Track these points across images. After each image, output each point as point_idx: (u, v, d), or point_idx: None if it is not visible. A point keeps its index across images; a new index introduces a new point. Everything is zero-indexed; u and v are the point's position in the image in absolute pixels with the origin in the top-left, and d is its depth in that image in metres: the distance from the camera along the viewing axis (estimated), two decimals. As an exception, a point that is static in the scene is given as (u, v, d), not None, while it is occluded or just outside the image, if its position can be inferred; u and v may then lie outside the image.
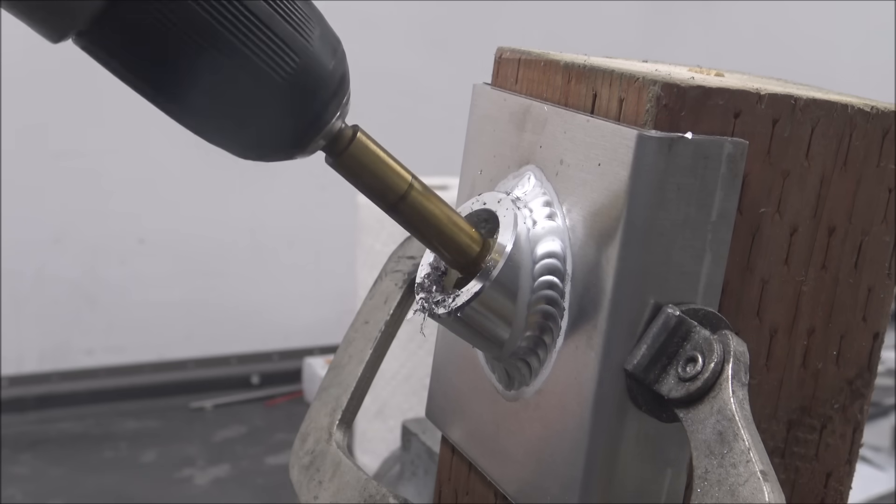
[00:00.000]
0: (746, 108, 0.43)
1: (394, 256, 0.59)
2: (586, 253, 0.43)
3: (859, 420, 0.49)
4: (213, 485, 1.58)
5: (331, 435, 0.55)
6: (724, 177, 0.42)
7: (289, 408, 1.88)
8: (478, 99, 0.53)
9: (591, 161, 0.43)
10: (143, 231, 1.94)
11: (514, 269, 0.44)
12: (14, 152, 1.80)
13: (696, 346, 0.41)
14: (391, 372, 1.48)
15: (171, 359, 1.98)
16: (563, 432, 0.44)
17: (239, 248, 2.02)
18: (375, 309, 0.58)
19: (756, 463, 0.37)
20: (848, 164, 0.45)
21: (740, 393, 0.39)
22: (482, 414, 0.51)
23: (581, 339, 0.43)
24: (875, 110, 0.45)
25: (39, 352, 1.90)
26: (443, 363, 0.55)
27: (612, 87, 0.44)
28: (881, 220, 0.47)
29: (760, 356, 0.46)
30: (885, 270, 0.48)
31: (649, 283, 0.42)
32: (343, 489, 0.53)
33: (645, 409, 0.42)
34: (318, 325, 2.04)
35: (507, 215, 0.45)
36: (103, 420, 1.80)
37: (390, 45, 2.04)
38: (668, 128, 0.41)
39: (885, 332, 0.49)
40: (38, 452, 1.66)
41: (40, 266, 1.88)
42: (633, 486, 0.44)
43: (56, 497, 1.53)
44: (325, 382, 0.58)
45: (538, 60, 0.49)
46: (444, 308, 0.45)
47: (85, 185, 1.87)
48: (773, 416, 0.47)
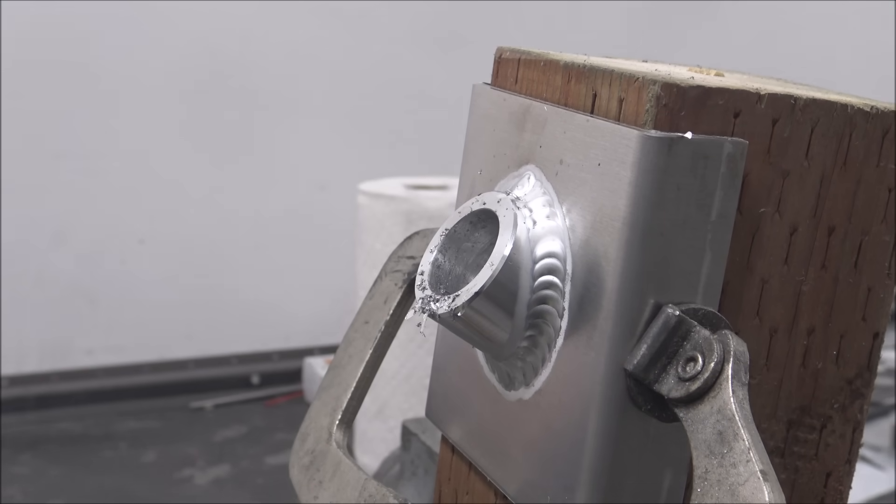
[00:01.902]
0: (746, 107, 0.43)
1: (394, 256, 0.59)
2: (586, 253, 0.43)
3: (859, 420, 0.49)
4: (213, 485, 1.58)
5: (331, 435, 0.55)
6: (724, 177, 0.42)
7: (289, 408, 1.88)
8: (477, 99, 0.53)
9: (591, 161, 0.43)
10: (143, 231, 1.94)
11: (514, 269, 0.44)
12: (14, 152, 1.80)
13: (696, 346, 0.41)
14: (391, 372, 1.48)
15: (171, 359, 1.98)
16: (563, 432, 0.44)
17: (239, 248, 2.02)
18: (375, 309, 0.58)
19: (756, 463, 0.37)
20: (848, 163, 0.45)
21: (740, 393, 0.39)
22: (482, 414, 0.51)
23: (581, 339, 0.43)
24: (875, 110, 0.45)
25: (39, 352, 1.90)
26: (443, 363, 0.55)
27: (612, 87, 0.44)
28: (881, 219, 0.47)
29: (760, 356, 0.46)
30: (884, 270, 0.48)
31: (649, 283, 0.42)
32: (343, 489, 0.53)
33: (645, 409, 0.42)
34: (319, 325, 2.04)
35: (506, 215, 0.45)
36: (103, 420, 1.80)
37: (390, 45, 2.04)
38: (668, 128, 0.41)
39: (885, 331, 0.49)
40: (38, 452, 1.66)
41: (40, 266, 1.88)
42: (633, 486, 0.44)
43: (56, 497, 1.53)
44: (325, 382, 0.58)
45: (538, 60, 0.49)
46: (444, 308, 0.45)
47: (85, 185, 1.87)
48: (773, 416, 0.47)
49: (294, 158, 2.01)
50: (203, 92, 1.93)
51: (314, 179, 2.04)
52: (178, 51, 1.89)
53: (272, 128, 2.00)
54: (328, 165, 2.03)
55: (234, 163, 1.99)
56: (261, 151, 2.01)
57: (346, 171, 1.93)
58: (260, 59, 1.96)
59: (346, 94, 2.02)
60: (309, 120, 2.01)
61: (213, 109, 1.95)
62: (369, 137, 2.05)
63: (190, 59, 1.90)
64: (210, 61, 1.92)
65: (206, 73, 1.92)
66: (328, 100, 2.01)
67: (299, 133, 2.01)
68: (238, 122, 1.97)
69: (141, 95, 1.89)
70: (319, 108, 2.01)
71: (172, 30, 1.88)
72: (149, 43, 1.87)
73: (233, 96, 1.96)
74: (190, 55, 1.90)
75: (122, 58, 1.86)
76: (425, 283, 0.47)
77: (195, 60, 1.91)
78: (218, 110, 1.95)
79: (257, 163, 2.00)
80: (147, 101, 1.90)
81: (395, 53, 2.05)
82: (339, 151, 2.03)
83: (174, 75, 1.90)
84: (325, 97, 2.01)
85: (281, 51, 1.97)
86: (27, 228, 1.84)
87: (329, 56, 2.00)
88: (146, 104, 1.90)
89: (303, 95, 2.00)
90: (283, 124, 2.00)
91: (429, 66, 2.07)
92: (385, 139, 2.06)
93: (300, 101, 2.00)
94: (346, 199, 1.68)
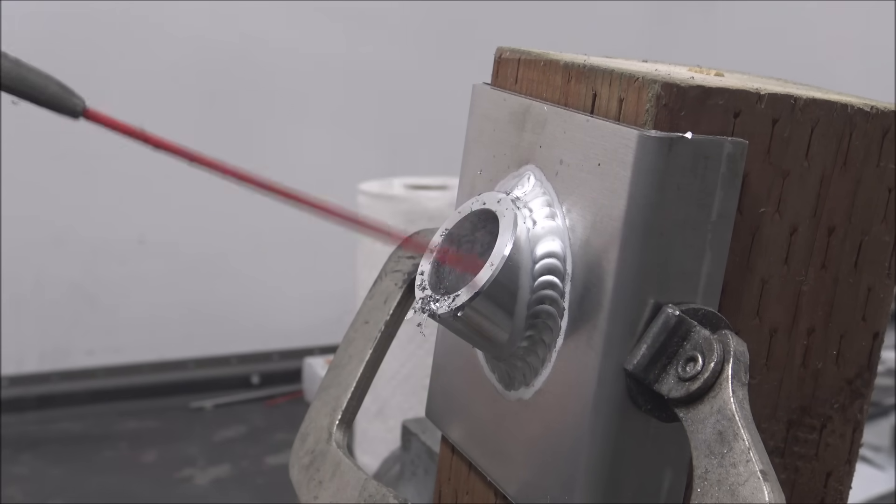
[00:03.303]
0: (746, 107, 0.43)
1: (394, 256, 0.59)
2: (586, 253, 0.43)
3: (859, 420, 0.49)
4: (213, 485, 1.58)
5: (331, 435, 0.55)
6: (724, 177, 0.42)
7: (289, 408, 1.88)
8: (477, 99, 0.53)
9: (591, 161, 0.43)
10: (143, 231, 1.94)
11: (514, 269, 0.44)
12: (14, 152, 1.80)
13: (696, 346, 0.41)
14: (391, 372, 1.48)
15: (171, 359, 1.98)
16: (563, 432, 0.44)
17: (239, 249, 2.02)
18: (375, 309, 0.58)
19: (756, 463, 0.37)
20: (848, 163, 0.45)
21: (740, 393, 0.39)
22: (482, 414, 0.51)
23: (581, 339, 0.43)
24: (875, 110, 0.45)
25: (39, 352, 1.90)
26: (443, 363, 0.55)
27: (612, 87, 0.44)
28: (881, 219, 0.47)
29: (760, 356, 0.46)
30: (885, 270, 0.48)
31: (649, 283, 0.42)
32: (343, 489, 0.53)
33: (645, 409, 0.42)
34: (319, 325, 2.04)
35: (506, 215, 0.45)
36: (103, 420, 1.80)
37: (390, 45, 2.04)
38: (668, 128, 0.41)
39: (885, 331, 0.49)
40: (38, 452, 1.66)
41: (40, 266, 1.87)
42: (633, 486, 0.44)
43: (56, 497, 1.52)
44: (325, 382, 0.58)
45: (538, 60, 0.49)
46: (444, 308, 0.45)
47: (85, 185, 1.87)
48: (773, 416, 0.47)
49: (294, 158, 2.01)
50: (203, 92, 1.93)
51: (314, 179, 2.03)
52: (179, 51, 1.89)
53: (272, 128, 2.00)
54: (328, 165, 2.03)
55: (235, 162, 1.98)
56: (261, 151, 2.01)
57: (346, 171, 1.92)
58: (260, 60, 1.96)
59: (346, 94, 2.02)
60: (309, 120, 2.01)
61: (214, 109, 1.95)
62: (369, 137, 2.05)
63: (190, 60, 1.90)
64: (210, 61, 1.92)
65: (206, 73, 1.92)
66: (328, 100, 2.01)
67: (300, 133, 2.01)
68: (238, 121, 1.97)
69: (141, 95, 1.89)
70: (319, 109, 2.01)
71: (173, 30, 1.88)
72: (148, 43, 1.87)
73: (233, 97, 1.96)
74: (190, 55, 1.90)
75: (122, 57, 1.86)
76: (425, 283, 0.47)
77: (196, 60, 1.91)
78: (218, 110, 1.95)
79: (257, 162, 2.00)
80: (147, 100, 1.89)
81: (396, 53, 2.05)
82: (339, 151, 2.03)
83: (175, 75, 1.90)
84: (325, 97, 2.01)
85: (281, 51, 1.97)
86: (27, 229, 1.84)
87: (329, 56, 2.00)
88: (146, 104, 1.90)
89: (303, 96, 2.00)
90: (284, 124, 2.00)
91: (429, 65, 2.07)
92: (385, 139, 2.06)
93: (301, 102, 2.00)
94: (346, 199, 1.68)
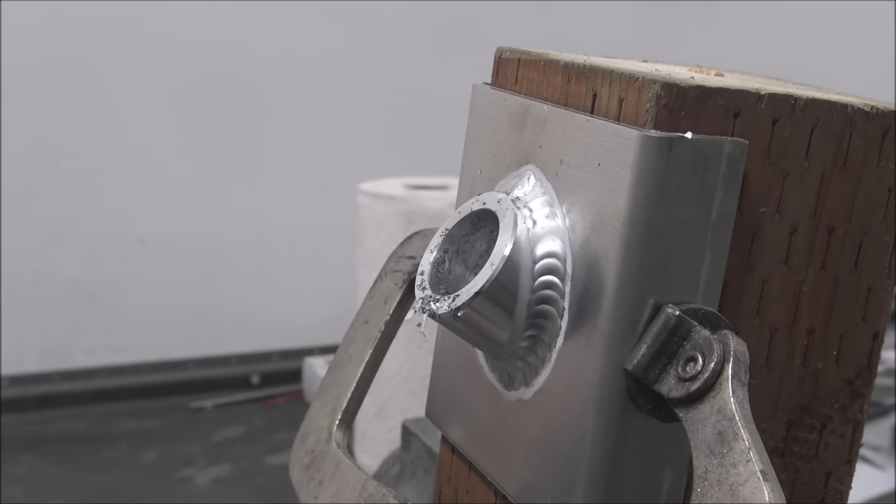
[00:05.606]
0: (746, 107, 0.43)
1: (394, 256, 0.59)
2: (586, 253, 0.43)
3: (859, 420, 0.49)
4: (213, 485, 1.58)
5: (331, 435, 0.55)
6: (724, 177, 0.42)
7: (289, 408, 1.88)
8: (477, 99, 0.53)
9: (591, 161, 0.43)
10: (143, 231, 1.94)
11: (514, 269, 0.44)
12: (14, 152, 1.80)
13: (696, 346, 0.41)
14: (391, 372, 1.48)
15: (171, 359, 1.98)
16: (563, 432, 0.44)
17: (239, 248, 2.02)
18: (375, 309, 0.58)
19: (756, 462, 0.37)
20: (848, 164, 0.45)
21: (740, 392, 0.39)
22: (482, 414, 0.51)
23: (581, 339, 0.43)
24: (875, 110, 0.45)
25: (39, 352, 1.90)
26: (443, 363, 0.55)
27: (612, 87, 0.44)
28: (881, 220, 0.47)
29: (760, 356, 0.46)
30: (885, 270, 0.48)
31: (649, 283, 0.42)
32: (343, 489, 0.53)
33: (645, 409, 0.42)
34: (319, 324, 2.04)
35: (506, 215, 0.45)
36: (103, 420, 1.80)
37: (390, 45, 2.04)
38: (668, 128, 0.41)
39: (885, 331, 0.49)
40: (38, 452, 1.66)
41: (40, 266, 1.88)
42: (632, 485, 0.44)
43: (56, 497, 1.53)
44: (325, 382, 0.58)
45: (538, 60, 0.49)
46: (444, 308, 0.45)
47: (85, 185, 1.87)
48: (773, 416, 0.47)
49: (294, 158, 2.01)
50: (203, 92, 1.93)
51: (314, 179, 2.04)
52: (178, 51, 1.89)
53: (272, 128, 2.00)
54: (328, 165, 2.03)
55: (235, 162, 1.99)
56: (261, 151, 2.01)
57: (346, 171, 1.93)
58: (260, 60, 1.96)
59: (346, 95, 2.02)
60: (309, 120, 2.01)
61: (214, 109, 1.95)
62: (369, 137, 2.05)
63: (190, 60, 1.90)
64: (210, 62, 1.92)
65: (206, 73, 1.92)
66: (328, 100, 2.01)
67: (300, 133, 2.01)
68: (238, 122, 1.97)
69: (141, 95, 1.89)
70: (319, 109, 2.01)
71: (173, 30, 1.88)
72: (148, 43, 1.87)
73: (233, 96, 1.96)
74: (190, 55, 1.90)
75: (122, 58, 1.86)
76: (425, 283, 0.47)
77: (195, 61, 1.91)
78: (218, 110, 1.95)
79: (257, 163, 2.00)
80: (147, 101, 1.90)
81: (396, 53, 2.05)
82: (338, 151, 2.03)
83: (174, 75, 1.90)
84: (325, 97, 2.01)
85: (281, 51, 1.97)
86: (27, 228, 1.84)
87: (329, 56, 2.00)
88: (146, 104, 1.90)
89: (303, 96, 2.00)
90: (284, 124, 2.00)
91: (429, 66, 2.07)
92: (385, 139, 2.06)
93: (301, 102, 2.00)
94: (346, 199, 1.68)
